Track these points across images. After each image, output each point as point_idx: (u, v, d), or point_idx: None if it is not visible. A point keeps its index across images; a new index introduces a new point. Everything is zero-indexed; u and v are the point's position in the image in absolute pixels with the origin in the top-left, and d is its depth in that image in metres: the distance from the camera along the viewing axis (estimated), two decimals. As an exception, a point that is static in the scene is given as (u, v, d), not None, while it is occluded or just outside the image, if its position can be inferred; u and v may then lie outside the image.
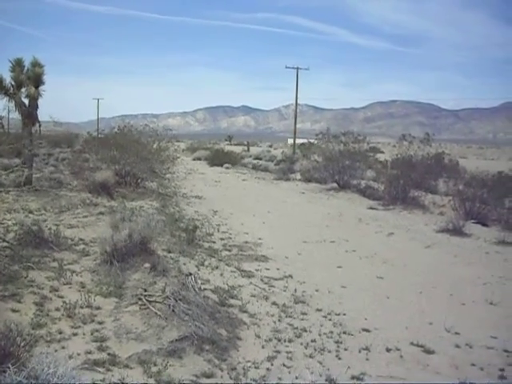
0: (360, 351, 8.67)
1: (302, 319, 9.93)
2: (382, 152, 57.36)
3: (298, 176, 39.23)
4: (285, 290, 11.70)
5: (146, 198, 22.47)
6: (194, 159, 55.81)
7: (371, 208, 26.30)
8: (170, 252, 13.09)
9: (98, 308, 8.60)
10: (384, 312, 10.80)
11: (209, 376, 7.04)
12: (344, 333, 9.40)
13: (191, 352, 7.54)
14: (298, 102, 70.25)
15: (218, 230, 18.04)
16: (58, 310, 8.39)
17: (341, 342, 8.94)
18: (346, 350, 8.67)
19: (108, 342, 7.43)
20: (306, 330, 9.34)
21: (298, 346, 8.65)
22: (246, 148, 79.97)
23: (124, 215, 12.79)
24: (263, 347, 8.48)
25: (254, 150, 73.71)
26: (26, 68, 23.03)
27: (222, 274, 12.30)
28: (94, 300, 8.82)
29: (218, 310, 9.40)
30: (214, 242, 16.01)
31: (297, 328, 9.41)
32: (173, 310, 8.12)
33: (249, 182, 36.30)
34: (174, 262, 11.86)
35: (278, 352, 8.32)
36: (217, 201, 25.80)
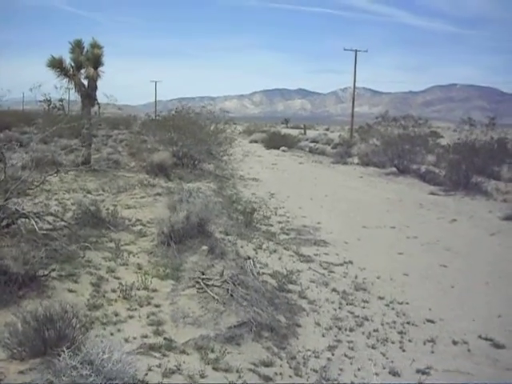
0: (425, 343, 8.26)
1: (364, 307, 9.57)
2: (442, 137, 55.68)
3: (356, 160, 38.48)
4: (345, 277, 11.34)
5: (203, 179, 22.34)
6: (250, 142, 55.47)
7: (432, 193, 25.50)
8: (227, 234, 12.90)
9: (155, 290, 8.43)
10: (449, 302, 10.32)
11: (268, 365, 6.77)
12: (408, 323, 9.00)
13: (249, 339, 7.29)
14: (356, 84, 69.16)
15: (276, 213, 17.75)
16: (114, 291, 8.26)
17: (404, 333, 8.55)
18: (410, 341, 8.28)
19: (164, 326, 7.23)
20: (367, 319, 8.98)
21: (360, 336, 8.30)
22: (302, 131, 79.24)
23: (182, 196, 12.61)
24: (323, 336, 8.17)
25: (310, 134, 72.93)
26: (85, 49, 23.12)
27: (280, 258, 12.02)
28: (151, 282, 8.65)
29: (276, 295, 9.13)
30: (272, 225, 15.72)
31: (358, 316, 9.06)
32: (231, 295, 7.88)
33: (306, 166, 35.82)
34: (232, 245, 11.65)
35: (339, 341, 8.00)
36: (274, 184, 25.49)
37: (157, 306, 7.87)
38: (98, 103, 24.70)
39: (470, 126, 28.61)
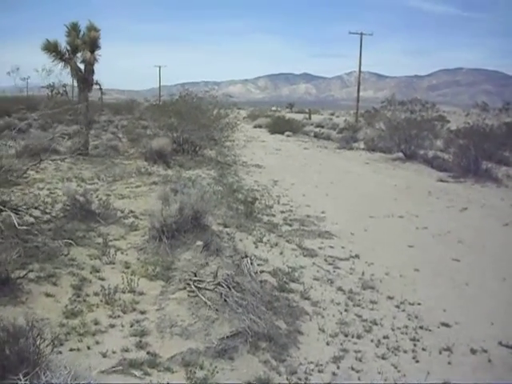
0: (440, 352, 7.43)
1: (372, 309, 8.76)
2: (448, 121, 54.53)
3: (362, 145, 37.69)
4: (351, 273, 10.53)
5: (204, 166, 21.58)
6: (254, 127, 54.65)
7: (441, 180, 24.60)
8: (226, 226, 12.15)
9: (142, 293, 7.63)
10: (464, 302, 9.50)
11: (264, 383, 5.97)
12: (420, 327, 8.17)
13: (244, 351, 6.48)
14: (361, 69, 67.95)
15: (279, 202, 16.96)
16: (96, 294, 7.46)
17: (417, 340, 7.73)
18: (424, 349, 7.46)
19: (149, 338, 6.42)
20: (376, 323, 8.17)
21: (369, 344, 7.49)
22: (307, 116, 78.23)
23: (176, 186, 11.81)
24: (328, 344, 7.35)
25: (315, 118, 72.06)
26: (81, 32, 22.34)
27: (281, 253, 11.22)
28: (137, 284, 7.83)
29: (276, 297, 8.31)
30: (274, 216, 14.94)
31: (366, 320, 8.24)
32: (225, 300, 7.04)
33: (310, 151, 34.96)
34: (230, 239, 10.82)
35: (346, 351, 7.19)
36: (277, 170, 24.71)
37: (142, 312, 7.05)
38: (101, 88, 23.88)
39: (483, 110, 27.70)
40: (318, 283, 9.64)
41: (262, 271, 9.19)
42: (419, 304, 9.15)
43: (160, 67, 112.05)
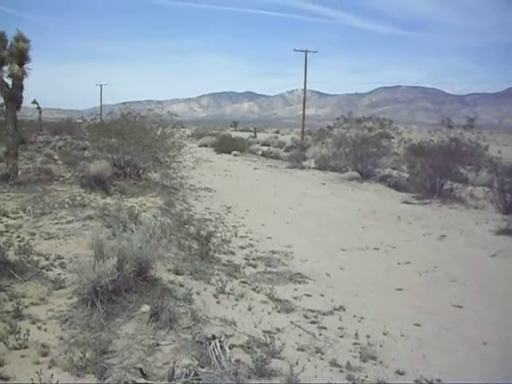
0: None
1: (384, 397, 6.48)
2: (392, 137, 53.43)
3: (312, 163, 36.14)
4: (342, 335, 8.22)
5: (148, 192, 19.12)
6: (199, 146, 52.34)
7: (405, 202, 22.83)
8: (178, 274, 9.79)
9: (62, 406, 5.18)
10: (488, 370, 7.33)
11: None
12: (454, 426, 5.95)
13: None
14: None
15: (236, 235, 14.66)
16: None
17: None
18: None
19: None
20: (396, 423, 5.90)
21: None
22: (252, 134, 76.40)
23: (114, 229, 9.38)
24: None
25: (260, 137, 70.32)
26: (8, 43, 19.77)
27: (250, 309, 8.88)
28: (57, 388, 5.34)
29: (257, 392, 5.94)
30: (234, 254, 12.64)
31: (381, 419, 5.96)
32: (188, 420, 4.71)
33: (261, 171, 32.88)
34: (185, 298, 8.33)
35: None
36: (229, 194, 22.55)
37: None
38: (39, 107, 21.47)
39: (448, 127, 26.17)
40: (304, 356, 7.28)
41: (232, 346, 6.78)
42: (438, 381, 6.94)
43: (102, 86, 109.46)
